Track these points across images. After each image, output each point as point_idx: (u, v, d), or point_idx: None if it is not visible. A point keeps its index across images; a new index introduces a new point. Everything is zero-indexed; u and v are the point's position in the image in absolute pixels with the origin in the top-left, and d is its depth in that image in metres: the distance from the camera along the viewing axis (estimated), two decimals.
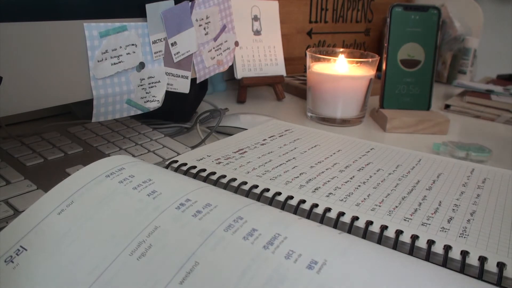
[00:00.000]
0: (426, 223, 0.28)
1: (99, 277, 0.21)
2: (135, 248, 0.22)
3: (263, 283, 0.19)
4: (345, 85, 0.62)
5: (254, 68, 0.70)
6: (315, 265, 0.20)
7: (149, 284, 0.20)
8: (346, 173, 0.36)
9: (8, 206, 0.32)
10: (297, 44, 0.90)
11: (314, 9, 0.91)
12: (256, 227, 0.22)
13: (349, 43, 1.02)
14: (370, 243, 0.24)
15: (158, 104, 0.43)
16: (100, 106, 0.38)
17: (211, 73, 0.49)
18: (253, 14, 0.71)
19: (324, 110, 0.63)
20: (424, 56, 0.66)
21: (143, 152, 0.44)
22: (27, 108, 0.33)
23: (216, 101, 0.67)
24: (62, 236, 0.23)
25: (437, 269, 0.22)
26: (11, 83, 0.31)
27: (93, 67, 0.36)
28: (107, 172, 0.27)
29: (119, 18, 0.38)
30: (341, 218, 0.29)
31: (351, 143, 0.43)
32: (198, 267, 0.20)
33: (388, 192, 0.33)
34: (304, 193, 0.32)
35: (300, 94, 0.77)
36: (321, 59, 0.64)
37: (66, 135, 0.45)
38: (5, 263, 0.23)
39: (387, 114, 0.62)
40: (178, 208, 0.24)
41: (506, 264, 0.24)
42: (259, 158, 0.38)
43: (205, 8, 0.46)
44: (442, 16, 0.68)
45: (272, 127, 0.47)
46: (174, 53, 0.43)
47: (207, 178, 0.34)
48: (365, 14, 1.02)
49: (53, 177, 0.35)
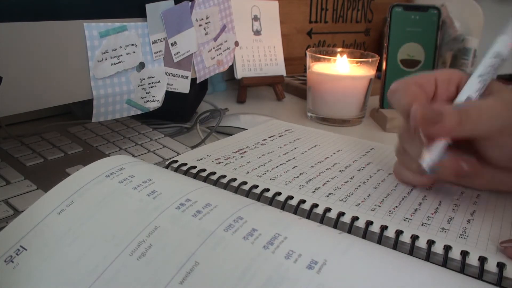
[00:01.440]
0: (426, 223, 0.28)
1: (99, 277, 0.21)
2: (135, 248, 0.22)
3: (263, 283, 0.19)
4: (345, 85, 0.62)
5: (254, 68, 0.70)
6: (315, 265, 0.20)
7: (149, 284, 0.20)
8: (346, 173, 0.36)
9: (8, 206, 0.32)
10: (297, 44, 0.90)
11: (314, 9, 0.91)
12: (256, 227, 0.22)
13: (349, 43, 1.02)
14: (370, 243, 0.24)
15: (158, 104, 0.43)
16: (100, 106, 0.38)
17: (211, 73, 0.49)
18: (253, 14, 0.71)
19: (324, 110, 0.63)
20: (424, 56, 0.66)
21: (143, 152, 0.44)
22: (27, 108, 0.33)
23: (216, 101, 0.67)
24: (62, 236, 0.23)
25: (437, 269, 0.22)
26: (11, 83, 0.31)
27: (93, 67, 0.36)
28: (107, 172, 0.27)
29: (119, 18, 0.38)
30: (341, 218, 0.29)
31: (351, 143, 0.43)
32: (198, 267, 0.20)
33: (388, 192, 0.33)
34: (304, 193, 0.32)
35: (300, 94, 0.77)
36: (321, 59, 0.64)
37: (66, 135, 0.45)
38: (5, 263, 0.23)
39: (387, 114, 0.62)
40: (178, 208, 0.24)
41: (506, 265, 0.24)
42: (259, 158, 0.38)
43: (205, 8, 0.46)
44: (442, 16, 0.68)
45: (272, 127, 0.47)
46: (174, 53, 0.43)
47: (207, 178, 0.34)
48: (365, 14, 1.02)
49: (53, 177, 0.35)
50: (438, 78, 0.32)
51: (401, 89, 0.31)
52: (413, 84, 0.31)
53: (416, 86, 0.31)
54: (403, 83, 0.31)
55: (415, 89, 0.31)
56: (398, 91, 0.31)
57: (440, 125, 0.28)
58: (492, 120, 0.28)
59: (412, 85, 0.31)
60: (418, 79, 0.32)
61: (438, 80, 0.32)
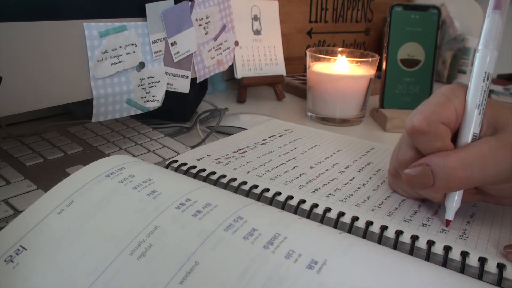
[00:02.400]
0: (426, 224, 0.28)
1: (99, 277, 0.21)
2: (135, 248, 0.22)
3: (263, 283, 0.19)
4: (345, 85, 0.62)
5: (254, 68, 0.70)
6: (315, 265, 0.20)
7: (149, 284, 0.20)
8: (346, 174, 0.36)
9: (8, 206, 0.32)
10: (297, 44, 0.90)
11: (314, 9, 0.91)
12: (256, 227, 0.22)
13: (349, 43, 1.02)
14: (370, 243, 0.24)
15: (158, 104, 0.43)
16: (100, 106, 0.38)
17: (211, 73, 0.49)
18: (253, 14, 0.71)
19: (324, 110, 0.63)
20: (424, 55, 0.66)
21: (143, 151, 0.44)
22: (27, 108, 0.33)
23: (216, 101, 0.67)
24: (62, 236, 0.23)
25: (437, 269, 0.22)
26: (11, 83, 0.31)
27: (93, 67, 0.36)
28: (107, 171, 0.27)
29: (119, 18, 0.38)
30: (341, 218, 0.29)
31: (351, 143, 0.43)
32: (198, 267, 0.20)
33: (388, 195, 0.33)
34: (304, 193, 0.32)
35: (300, 94, 0.77)
36: (321, 59, 0.64)
37: (66, 135, 0.45)
38: (5, 263, 0.23)
39: (387, 114, 0.62)
40: (178, 208, 0.24)
41: (506, 265, 0.24)
42: (259, 158, 0.38)
43: (205, 7, 0.46)
44: (442, 15, 0.68)
45: (272, 127, 0.47)
46: (174, 53, 0.43)
47: (207, 178, 0.34)
48: (365, 14, 1.02)
49: (53, 177, 0.35)
50: (458, 111, 0.28)
51: (431, 132, 0.27)
52: (440, 123, 0.28)
53: (443, 126, 0.28)
54: (430, 124, 0.27)
55: (444, 130, 0.28)
56: (427, 133, 0.27)
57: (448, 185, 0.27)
58: (497, 168, 0.26)
59: (440, 126, 0.28)
60: (442, 115, 0.28)
61: (458, 114, 0.28)
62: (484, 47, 0.28)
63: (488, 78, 0.28)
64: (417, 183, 0.28)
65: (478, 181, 0.27)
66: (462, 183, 0.27)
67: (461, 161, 0.26)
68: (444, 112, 0.28)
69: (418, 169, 0.28)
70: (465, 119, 0.28)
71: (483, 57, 0.28)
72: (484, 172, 0.26)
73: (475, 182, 0.27)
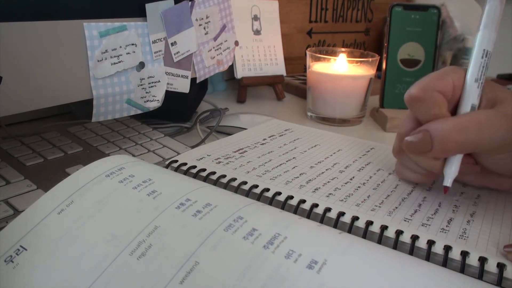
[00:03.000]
0: (426, 224, 0.28)
1: (99, 277, 0.21)
2: (135, 248, 0.22)
3: (263, 282, 0.19)
4: (345, 84, 0.62)
5: (254, 67, 0.70)
6: (315, 265, 0.20)
7: (149, 284, 0.20)
8: (346, 174, 0.36)
9: (8, 206, 0.32)
10: (297, 44, 0.90)
11: (314, 8, 0.91)
12: (256, 227, 0.22)
13: (349, 43, 1.02)
14: (370, 242, 0.24)
15: (158, 103, 0.43)
16: (100, 106, 0.38)
17: (211, 73, 0.49)
18: (253, 14, 0.71)
19: (324, 110, 0.63)
20: (424, 55, 0.66)
21: (143, 151, 0.44)
22: (27, 108, 0.33)
23: (216, 101, 0.67)
24: (62, 236, 0.23)
25: (437, 269, 0.22)
26: (11, 83, 0.31)
27: (93, 67, 0.36)
28: (107, 171, 0.27)
29: (119, 18, 0.38)
30: (341, 218, 0.29)
31: (351, 143, 0.43)
32: (198, 267, 0.20)
33: (388, 194, 0.33)
34: (304, 193, 0.32)
35: (300, 94, 0.77)
36: (321, 59, 0.64)
37: (66, 135, 0.45)
38: (5, 263, 0.23)
39: (387, 114, 0.62)
40: (178, 207, 0.24)
41: (506, 265, 0.24)
42: (259, 158, 0.38)
43: (205, 7, 0.46)
44: (442, 15, 0.68)
45: (272, 126, 0.47)
46: (174, 53, 0.43)
47: (207, 178, 0.34)
48: (365, 14, 1.02)
49: (53, 177, 0.35)
50: (455, 84, 0.30)
51: (426, 99, 0.29)
52: (435, 91, 0.30)
53: (439, 94, 0.30)
54: (425, 91, 0.29)
55: (439, 98, 0.30)
56: (422, 100, 0.29)
57: (443, 150, 0.28)
58: (492, 135, 0.28)
59: (435, 94, 0.29)
60: (438, 85, 0.30)
61: (455, 86, 0.30)
62: (484, 28, 0.31)
63: (486, 55, 0.31)
64: (417, 148, 0.29)
65: (474, 145, 0.28)
66: (458, 146, 0.28)
67: (457, 125, 0.28)
68: (440, 82, 0.30)
69: (418, 135, 0.29)
70: (464, 91, 0.30)
71: (483, 36, 0.31)
72: (480, 137, 0.28)
73: (470, 146, 0.28)
